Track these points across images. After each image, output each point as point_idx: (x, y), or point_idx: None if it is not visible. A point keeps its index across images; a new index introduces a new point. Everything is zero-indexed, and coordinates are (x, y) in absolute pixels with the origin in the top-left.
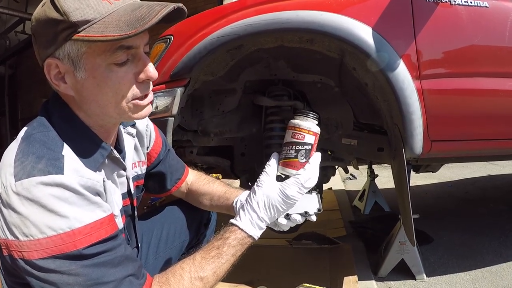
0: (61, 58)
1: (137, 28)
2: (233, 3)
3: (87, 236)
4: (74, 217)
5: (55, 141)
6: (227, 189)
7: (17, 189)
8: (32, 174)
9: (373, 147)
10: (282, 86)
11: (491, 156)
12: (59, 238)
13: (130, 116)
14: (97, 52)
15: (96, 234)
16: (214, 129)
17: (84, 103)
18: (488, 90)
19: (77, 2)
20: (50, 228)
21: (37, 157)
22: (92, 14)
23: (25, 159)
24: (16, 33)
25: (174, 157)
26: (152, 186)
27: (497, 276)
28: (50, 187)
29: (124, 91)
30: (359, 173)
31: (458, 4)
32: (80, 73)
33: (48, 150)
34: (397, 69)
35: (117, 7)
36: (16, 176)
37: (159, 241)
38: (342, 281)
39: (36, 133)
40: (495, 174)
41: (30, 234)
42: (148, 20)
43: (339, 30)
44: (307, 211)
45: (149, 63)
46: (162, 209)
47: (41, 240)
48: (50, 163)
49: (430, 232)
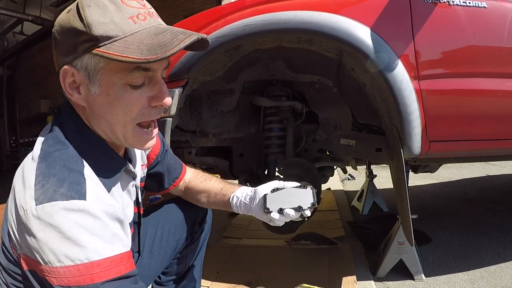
0: (78, 69)
1: (157, 54)
2: (232, 3)
3: (105, 270)
4: (94, 248)
5: (75, 161)
6: (223, 186)
7: (38, 213)
8: (54, 198)
9: (371, 147)
10: (281, 86)
11: (490, 157)
12: (76, 269)
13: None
14: (114, 70)
15: (116, 269)
16: (213, 130)
17: (93, 118)
18: (487, 91)
19: (102, 16)
20: (67, 257)
21: (59, 180)
22: (115, 31)
23: (46, 182)
24: (14, 34)
25: (172, 156)
26: (150, 185)
27: (495, 276)
28: (73, 213)
29: (134, 113)
30: (357, 174)
31: (457, 4)
32: (94, 87)
33: (70, 172)
34: (395, 69)
35: (141, 27)
36: (37, 199)
37: (153, 241)
38: (341, 281)
39: (54, 152)
40: (493, 174)
41: (49, 261)
42: (170, 48)
43: (337, 31)
44: (301, 206)
45: (164, 89)
46: (156, 209)
47: (58, 268)
48: (72, 187)
49: (428, 232)
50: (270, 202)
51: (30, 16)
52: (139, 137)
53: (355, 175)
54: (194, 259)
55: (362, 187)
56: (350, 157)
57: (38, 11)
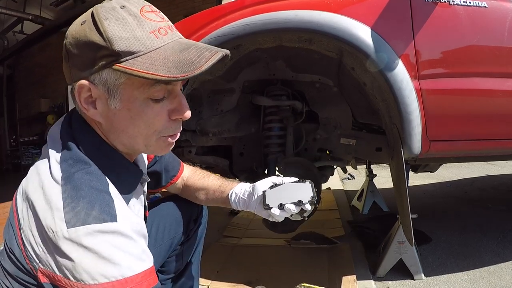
0: (96, 84)
1: (186, 73)
2: (232, 2)
3: (137, 284)
4: (127, 266)
5: (100, 179)
6: (222, 182)
7: (70, 236)
8: (87, 221)
9: (371, 147)
10: (281, 86)
11: (490, 156)
12: (111, 285)
13: (155, 150)
14: (136, 85)
15: (146, 283)
16: (213, 129)
17: (112, 132)
18: (487, 90)
19: (123, 31)
20: (103, 275)
21: (89, 203)
22: (137, 46)
23: (76, 205)
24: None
25: (170, 155)
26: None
27: (495, 276)
28: (107, 235)
29: (157, 126)
30: (357, 173)
31: (457, 4)
32: (114, 102)
33: (98, 193)
34: (395, 69)
35: (163, 42)
36: (68, 222)
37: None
38: (341, 281)
39: (77, 172)
40: (493, 174)
41: (82, 280)
42: (199, 66)
43: (337, 30)
44: (301, 200)
45: (184, 103)
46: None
47: (92, 286)
48: (103, 210)
49: (428, 232)
50: (270, 198)
51: (30, 15)
52: (163, 146)
53: (355, 175)
54: (191, 256)
55: (362, 187)
56: (350, 156)
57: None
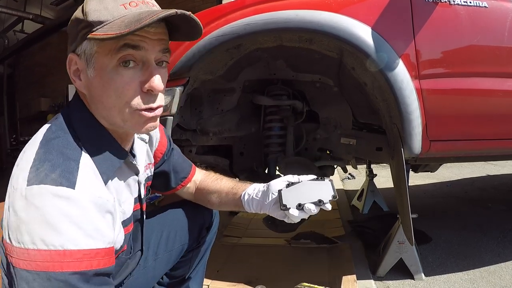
0: (80, 55)
1: (130, 27)
2: (232, 2)
3: (77, 261)
4: (71, 237)
5: (73, 148)
6: (234, 184)
7: (26, 193)
8: (44, 181)
9: (372, 146)
10: (281, 85)
11: (490, 156)
12: (48, 254)
13: (133, 126)
14: (105, 51)
15: (87, 262)
16: (213, 128)
17: (92, 103)
18: (487, 90)
19: (98, 4)
20: (42, 241)
21: (52, 166)
22: (106, 16)
23: (40, 166)
24: (15, 32)
25: (180, 156)
26: (157, 185)
27: (495, 276)
28: (58, 199)
29: (128, 97)
30: (357, 173)
31: (458, 4)
32: (90, 71)
33: (65, 159)
34: (396, 69)
35: (129, 12)
36: (28, 181)
37: (159, 243)
38: (341, 280)
39: (54, 139)
40: (494, 174)
41: (22, 242)
42: (144, 20)
43: (337, 30)
44: (321, 200)
45: (156, 74)
46: (164, 210)
47: (29, 250)
48: (63, 175)
49: (428, 232)
50: (286, 197)
51: (31, 15)
52: (140, 122)
53: (355, 174)
54: (198, 262)
55: (362, 186)
56: (350, 156)
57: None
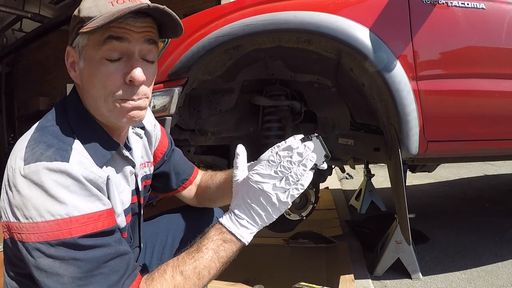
0: (75, 48)
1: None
2: (231, 3)
3: (83, 225)
4: (73, 205)
5: (67, 135)
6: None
7: (25, 172)
8: (40, 159)
9: (369, 147)
10: (280, 86)
11: (487, 156)
12: (56, 223)
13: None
14: (93, 44)
15: (93, 225)
16: (212, 128)
17: (83, 94)
18: (484, 91)
19: (91, 2)
20: (49, 212)
21: (47, 145)
22: (95, 12)
23: (36, 146)
24: (13, 31)
25: (181, 157)
26: (158, 186)
27: (492, 275)
28: (54, 173)
29: (112, 87)
30: (355, 173)
31: (455, 5)
32: (81, 62)
33: (59, 141)
34: (393, 70)
35: (115, 8)
36: (25, 160)
37: (164, 248)
38: (339, 280)
39: (50, 126)
40: (491, 174)
41: (30, 217)
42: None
43: (336, 31)
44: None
45: (138, 66)
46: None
47: (39, 223)
48: (58, 152)
49: (426, 232)
50: None
51: (29, 13)
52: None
53: (353, 174)
54: None
55: (360, 186)
56: (348, 156)
57: (37, 9)
